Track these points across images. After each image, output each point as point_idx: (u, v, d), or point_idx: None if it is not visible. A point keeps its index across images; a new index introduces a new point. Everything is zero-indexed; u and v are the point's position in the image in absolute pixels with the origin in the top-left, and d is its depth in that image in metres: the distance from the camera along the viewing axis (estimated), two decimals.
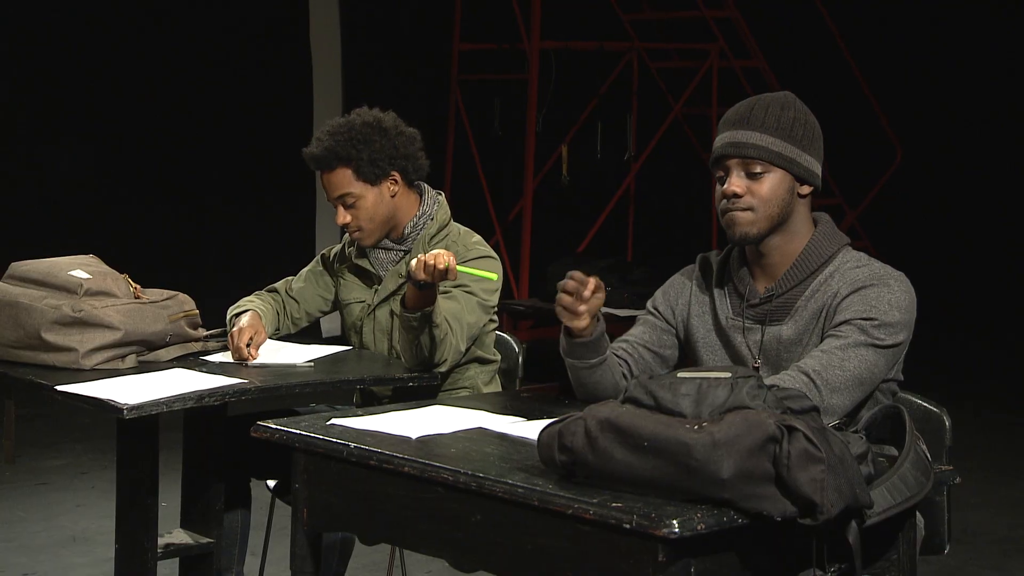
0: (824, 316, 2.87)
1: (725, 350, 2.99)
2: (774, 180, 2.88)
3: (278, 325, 3.85)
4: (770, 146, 2.87)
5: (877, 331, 2.80)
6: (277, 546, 4.18)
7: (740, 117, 2.91)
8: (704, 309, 3.05)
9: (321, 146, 3.69)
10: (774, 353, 2.91)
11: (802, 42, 10.47)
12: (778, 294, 2.93)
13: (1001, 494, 6.01)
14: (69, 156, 8.36)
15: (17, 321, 3.46)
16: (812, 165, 2.91)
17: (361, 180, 3.68)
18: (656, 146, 9.22)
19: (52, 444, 6.50)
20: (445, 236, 3.75)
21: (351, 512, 2.72)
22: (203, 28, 8.85)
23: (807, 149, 2.90)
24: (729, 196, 2.89)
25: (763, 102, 2.92)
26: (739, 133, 2.89)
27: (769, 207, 2.89)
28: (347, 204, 3.70)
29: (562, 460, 2.36)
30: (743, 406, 2.30)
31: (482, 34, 9.34)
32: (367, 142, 3.67)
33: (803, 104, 2.94)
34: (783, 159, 2.88)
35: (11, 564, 4.87)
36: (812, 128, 2.92)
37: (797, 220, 2.92)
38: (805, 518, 2.22)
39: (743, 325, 2.96)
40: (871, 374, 2.80)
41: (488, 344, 3.76)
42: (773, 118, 2.88)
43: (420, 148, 3.76)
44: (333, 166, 3.68)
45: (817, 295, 2.90)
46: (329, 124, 3.73)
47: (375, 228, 3.72)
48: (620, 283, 7.46)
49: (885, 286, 2.85)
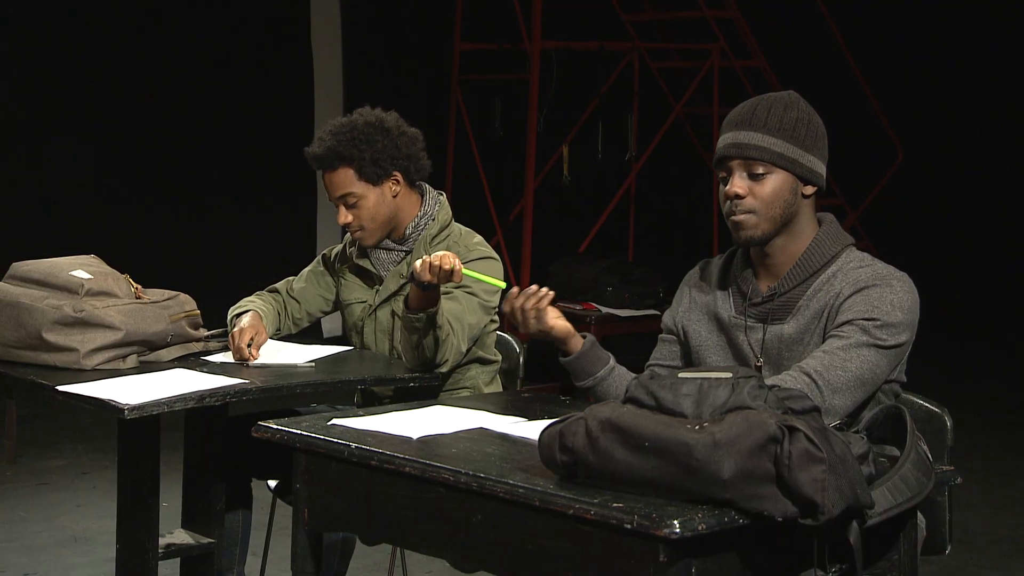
0: (826, 316, 2.87)
1: (728, 349, 2.99)
2: (776, 181, 2.88)
3: (279, 325, 3.85)
4: (772, 147, 2.86)
5: (879, 331, 2.80)
6: (278, 546, 4.18)
7: (743, 118, 2.90)
8: (706, 310, 3.04)
9: (323, 145, 3.68)
10: (775, 352, 2.91)
11: (803, 42, 10.48)
12: (780, 293, 2.93)
13: (1002, 494, 6.01)
14: (69, 156, 8.36)
15: (18, 321, 3.46)
16: (815, 165, 2.90)
17: (363, 180, 3.68)
18: (657, 146, 9.22)
19: (53, 444, 6.50)
20: (447, 237, 3.75)
21: (352, 512, 2.72)
22: (203, 28, 8.85)
23: (810, 149, 2.89)
24: (732, 197, 2.89)
25: (766, 102, 2.91)
26: (741, 134, 2.89)
27: (772, 208, 2.88)
28: (349, 204, 3.69)
29: (563, 460, 2.37)
30: (744, 406, 2.30)
31: (483, 34, 9.34)
32: (369, 142, 3.66)
33: (807, 104, 2.94)
34: (785, 160, 2.87)
35: (12, 564, 4.87)
36: (815, 128, 2.91)
37: (801, 220, 2.92)
38: (806, 518, 2.22)
39: (745, 324, 2.95)
40: (873, 375, 2.80)
41: (489, 345, 3.76)
42: (776, 119, 2.87)
43: (422, 148, 3.76)
44: (335, 166, 3.68)
45: (819, 294, 2.89)
46: (331, 123, 3.73)
47: (376, 228, 3.72)
48: (621, 283, 7.45)
49: (888, 286, 2.84)
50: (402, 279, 3.74)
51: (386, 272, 3.80)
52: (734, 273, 3.01)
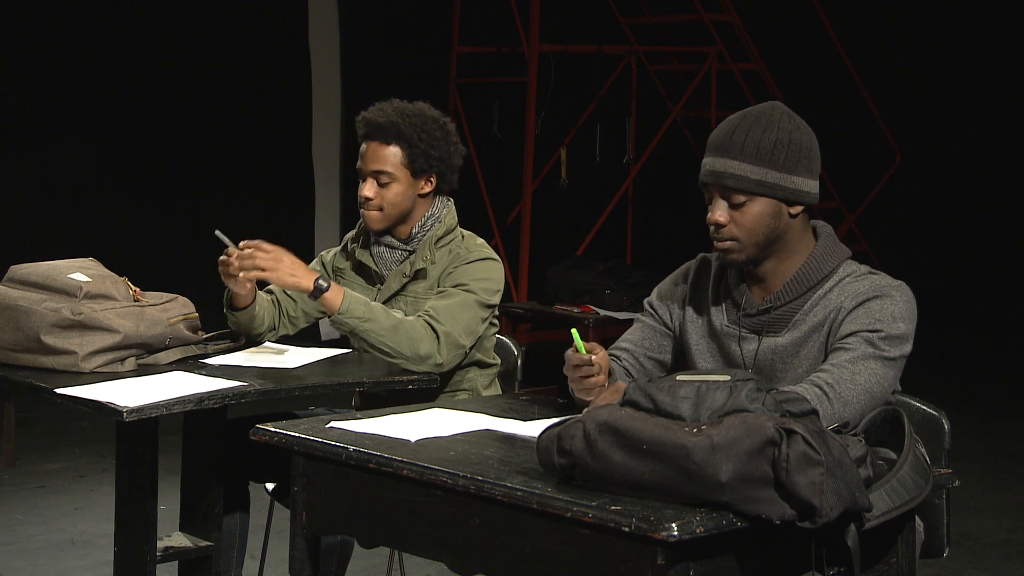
0: (828, 329, 2.84)
1: (719, 356, 2.98)
2: (757, 209, 2.83)
3: (275, 323, 3.85)
4: (750, 175, 2.81)
5: (883, 343, 2.78)
6: (276, 549, 4.18)
7: (720, 143, 2.84)
8: (699, 314, 3.03)
9: (386, 118, 3.68)
10: (768, 363, 2.90)
11: (800, 45, 10.49)
12: (776, 306, 2.90)
13: (1000, 497, 6.02)
14: (67, 159, 8.36)
15: (16, 324, 3.45)
16: (800, 184, 2.84)
17: (405, 166, 3.69)
18: (655, 149, 9.23)
19: (51, 447, 6.50)
20: (451, 240, 3.75)
21: (350, 515, 2.72)
22: (202, 32, 8.85)
23: (792, 170, 2.82)
24: (713, 224, 2.88)
25: (744, 124, 2.83)
26: (718, 162, 2.83)
27: (753, 236, 2.85)
28: (381, 182, 3.69)
29: (561, 463, 2.37)
30: (742, 409, 2.30)
31: (481, 37, 9.35)
32: (430, 137, 3.69)
33: (790, 118, 2.85)
34: (765, 186, 2.81)
35: (10, 568, 4.87)
36: (797, 147, 2.82)
37: (791, 239, 2.88)
38: (804, 521, 2.22)
39: (739, 334, 2.94)
40: (881, 387, 2.79)
41: (488, 348, 3.76)
42: (753, 144, 2.80)
43: (461, 166, 3.78)
44: (388, 140, 3.68)
45: (818, 308, 2.87)
46: (396, 103, 3.73)
47: (391, 215, 3.72)
48: (619, 286, 7.45)
49: (888, 297, 2.83)
50: (404, 278, 3.74)
51: (388, 271, 3.80)
52: (728, 283, 3.00)
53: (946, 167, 10.72)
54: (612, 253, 9.19)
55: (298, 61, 9.30)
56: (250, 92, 9.07)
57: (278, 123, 9.22)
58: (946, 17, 10.56)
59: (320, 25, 9.39)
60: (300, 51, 9.31)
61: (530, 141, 8.66)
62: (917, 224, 10.84)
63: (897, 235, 10.70)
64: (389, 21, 9.71)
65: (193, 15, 8.80)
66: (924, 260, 10.65)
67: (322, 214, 9.47)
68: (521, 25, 8.69)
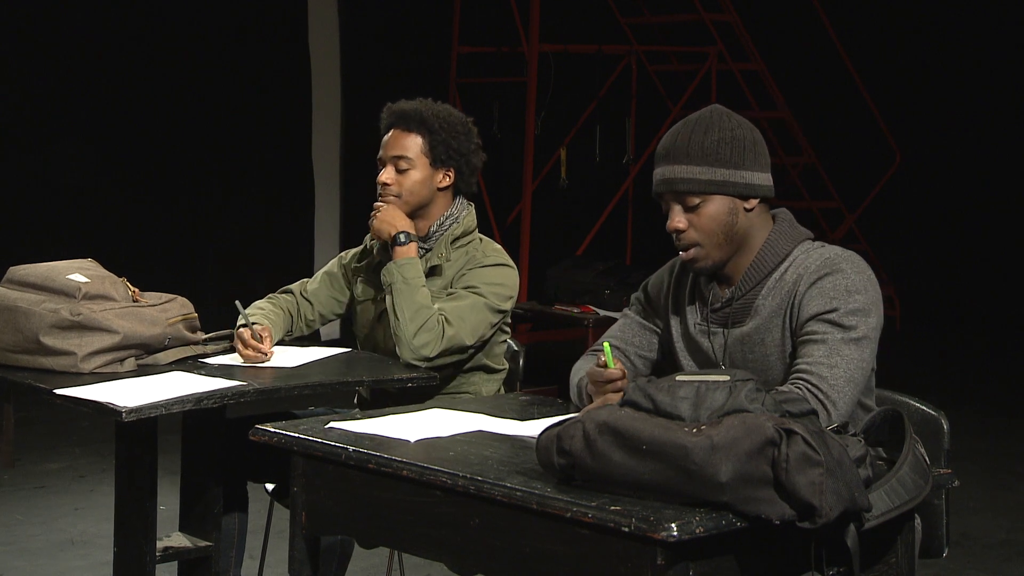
0: (787, 314, 2.86)
1: (698, 354, 2.99)
2: (712, 208, 2.88)
3: (290, 328, 3.86)
4: (699, 176, 2.86)
5: (846, 319, 2.78)
6: (275, 549, 4.18)
7: (666, 152, 2.91)
8: (678, 313, 3.06)
9: (413, 108, 3.75)
10: (739, 354, 2.92)
11: (800, 45, 10.49)
12: (738, 296, 2.93)
13: (1000, 498, 6.01)
14: (67, 159, 8.36)
15: (15, 325, 3.45)
16: (751, 178, 2.88)
17: (426, 155, 3.72)
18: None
19: (51, 448, 6.50)
20: (468, 242, 3.76)
21: (349, 515, 2.72)
22: (202, 33, 8.85)
23: (740, 166, 2.87)
24: (673, 232, 2.91)
25: (686, 130, 2.89)
26: (667, 169, 2.90)
27: (714, 236, 2.89)
28: (400, 168, 3.72)
29: (561, 463, 2.37)
30: (742, 409, 2.30)
31: (481, 37, 9.35)
32: (453, 130, 3.73)
33: (729, 117, 2.90)
34: (715, 185, 2.87)
35: (10, 568, 4.87)
36: (741, 142, 2.87)
37: (752, 233, 2.91)
38: (804, 521, 2.22)
39: (708, 329, 2.96)
40: (860, 370, 2.79)
41: (498, 354, 3.76)
42: (696, 146, 2.86)
43: (480, 169, 3.81)
44: (412, 128, 3.72)
45: (775, 291, 2.89)
46: (425, 100, 3.80)
47: (408, 202, 3.73)
48: (619, 286, 7.45)
49: (839, 272, 2.83)
50: None
51: None
52: (700, 282, 3.01)
53: (946, 167, 10.71)
54: (612, 253, 9.19)
55: (298, 61, 9.30)
56: (250, 92, 9.07)
57: (278, 123, 9.22)
58: (946, 17, 10.56)
59: (320, 25, 9.39)
60: (300, 51, 9.31)
61: (530, 141, 8.66)
62: (917, 224, 10.84)
63: (897, 235, 10.70)
64: (389, 21, 9.71)
65: (193, 15, 8.80)
66: (924, 260, 10.66)
67: (322, 214, 9.47)
68: (521, 25, 8.69)
